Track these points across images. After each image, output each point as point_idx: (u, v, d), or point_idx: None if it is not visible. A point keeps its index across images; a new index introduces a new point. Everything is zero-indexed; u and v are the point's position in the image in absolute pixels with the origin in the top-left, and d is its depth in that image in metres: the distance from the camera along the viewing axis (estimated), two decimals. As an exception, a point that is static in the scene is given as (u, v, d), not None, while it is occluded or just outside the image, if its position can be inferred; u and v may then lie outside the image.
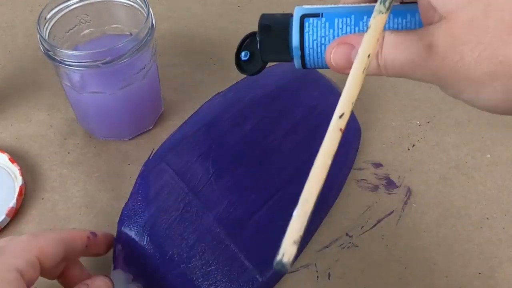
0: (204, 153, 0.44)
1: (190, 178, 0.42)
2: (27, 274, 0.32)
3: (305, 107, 0.48)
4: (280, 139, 0.45)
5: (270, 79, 0.50)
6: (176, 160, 0.43)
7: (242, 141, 0.45)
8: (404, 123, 0.53)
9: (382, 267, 0.43)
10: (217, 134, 0.45)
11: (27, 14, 0.64)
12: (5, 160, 0.48)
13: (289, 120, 0.47)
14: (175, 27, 0.63)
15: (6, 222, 0.44)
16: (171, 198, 0.41)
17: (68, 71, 0.44)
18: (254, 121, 0.46)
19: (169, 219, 0.40)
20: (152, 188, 0.42)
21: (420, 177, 0.49)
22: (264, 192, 0.42)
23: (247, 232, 0.41)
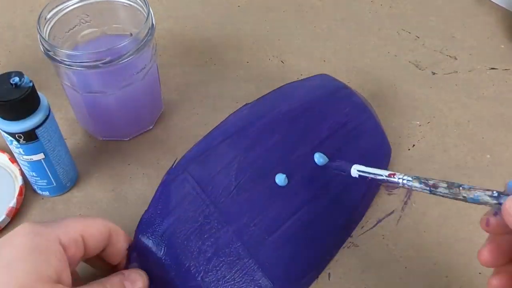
0: (227, 165, 0.42)
1: (212, 190, 0.41)
2: (70, 249, 0.33)
3: (333, 123, 0.46)
4: (306, 155, 0.44)
5: (300, 92, 0.49)
6: (199, 170, 0.42)
7: (267, 155, 0.43)
8: (404, 124, 0.53)
9: (382, 267, 0.43)
10: (242, 147, 0.43)
11: (27, 14, 0.64)
12: (5, 160, 0.48)
13: (316, 136, 0.45)
14: (175, 27, 0.63)
15: (6, 222, 0.44)
16: (191, 209, 0.40)
17: (68, 71, 0.44)
18: (281, 135, 0.44)
19: (188, 230, 0.39)
20: (173, 197, 0.41)
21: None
22: (287, 209, 0.41)
23: (266, 248, 0.39)
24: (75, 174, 0.48)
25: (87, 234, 0.34)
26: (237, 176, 0.42)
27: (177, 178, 0.42)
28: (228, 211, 0.40)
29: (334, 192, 0.43)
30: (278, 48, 0.60)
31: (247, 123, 0.45)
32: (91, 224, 0.35)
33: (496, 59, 0.59)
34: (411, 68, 0.59)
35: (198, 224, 0.40)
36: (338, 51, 0.60)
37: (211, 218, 0.40)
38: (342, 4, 0.66)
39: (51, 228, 0.33)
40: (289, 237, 0.40)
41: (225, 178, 0.41)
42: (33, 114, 0.40)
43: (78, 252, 0.34)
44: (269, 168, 0.42)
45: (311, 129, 0.45)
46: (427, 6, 0.66)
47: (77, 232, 0.34)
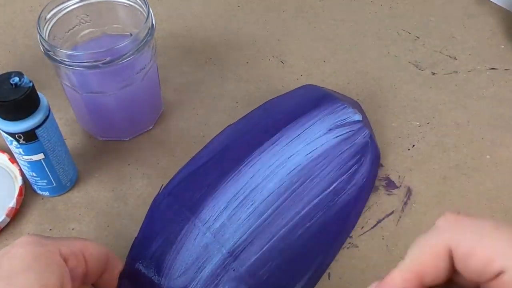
0: (212, 184, 0.42)
1: (200, 210, 0.41)
2: (71, 262, 0.32)
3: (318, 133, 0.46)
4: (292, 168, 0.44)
5: (281, 107, 0.49)
6: (184, 193, 0.42)
7: (252, 171, 0.43)
8: (404, 124, 0.53)
9: (382, 267, 0.43)
10: (227, 164, 0.43)
11: (27, 14, 0.64)
12: (5, 160, 0.48)
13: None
14: (175, 27, 0.63)
15: (6, 222, 0.44)
16: (180, 231, 0.40)
17: (68, 71, 0.44)
18: (267, 146, 0.44)
19: (177, 252, 0.39)
20: (159, 221, 0.41)
21: (420, 177, 0.49)
22: (277, 226, 0.41)
23: (260, 269, 0.39)
24: (75, 174, 0.48)
25: (87, 252, 0.34)
26: (223, 195, 0.42)
27: (162, 202, 0.42)
28: (218, 232, 0.40)
29: (325, 204, 0.43)
30: (278, 48, 0.60)
31: (231, 141, 0.46)
32: (91, 244, 0.35)
33: (496, 59, 0.59)
34: (411, 68, 0.59)
35: (188, 246, 0.39)
36: (338, 51, 0.60)
37: (201, 239, 0.40)
38: (342, 4, 0.66)
39: (52, 240, 0.33)
40: (280, 257, 0.40)
41: (211, 197, 0.41)
42: (33, 114, 0.40)
43: (79, 266, 0.33)
44: (257, 186, 0.42)
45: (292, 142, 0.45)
46: (427, 6, 0.66)
47: (77, 247, 0.33)
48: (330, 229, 0.42)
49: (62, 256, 0.32)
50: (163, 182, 0.48)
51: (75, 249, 0.33)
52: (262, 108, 0.50)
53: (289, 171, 0.43)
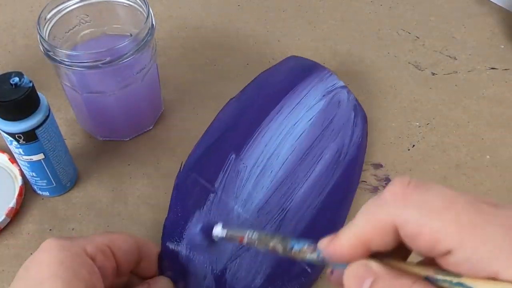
0: (231, 159, 0.44)
1: (224, 184, 0.43)
2: (98, 259, 0.32)
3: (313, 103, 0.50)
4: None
5: (275, 79, 0.52)
6: (206, 167, 0.44)
7: (264, 141, 0.46)
8: (403, 124, 0.53)
9: (382, 267, 0.43)
10: (240, 136, 0.46)
11: (27, 14, 0.64)
12: (5, 160, 0.48)
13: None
14: (175, 27, 0.63)
15: (6, 222, 0.44)
16: (208, 206, 0.41)
17: (68, 71, 0.44)
18: (273, 116, 0.48)
19: (208, 226, 0.39)
20: (188, 199, 0.42)
21: (420, 177, 0.49)
22: (297, 189, 0.44)
23: (291, 226, 0.42)
24: (75, 174, 0.48)
25: (114, 246, 0.33)
26: (244, 166, 0.44)
27: (187, 180, 0.43)
28: (245, 200, 0.42)
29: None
30: (278, 48, 0.60)
31: (238, 114, 0.49)
32: (117, 237, 0.34)
33: (496, 59, 0.59)
34: (411, 68, 0.59)
35: (215, 217, 0.41)
36: (338, 51, 0.60)
37: (230, 210, 0.42)
38: (342, 4, 0.66)
39: (76, 241, 0.32)
40: (308, 213, 0.43)
41: (232, 170, 0.44)
42: (33, 114, 0.40)
43: (108, 262, 0.33)
44: (269, 153, 0.45)
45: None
46: (427, 6, 0.66)
47: (103, 243, 0.33)
48: (341, 186, 0.45)
49: (88, 255, 0.32)
50: (163, 182, 0.48)
51: (101, 245, 0.33)
52: (256, 82, 0.52)
53: (297, 137, 0.47)
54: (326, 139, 0.47)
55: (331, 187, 0.45)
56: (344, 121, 0.49)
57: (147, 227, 0.44)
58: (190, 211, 0.41)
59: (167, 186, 0.47)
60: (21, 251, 0.43)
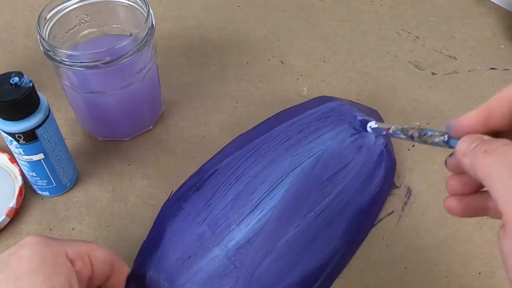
0: (219, 193, 0.41)
1: (210, 218, 0.40)
2: (77, 264, 0.32)
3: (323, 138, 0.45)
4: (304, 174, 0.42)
5: (294, 116, 0.47)
6: (195, 199, 0.42)
7: (257, 180, 0.42)
8: (403, 124, 0.53)
9: (382, 267, 0.43)
10: (236, 171, 0.43)
11: (27, 14, 0.64)
12: (5, 160, 0.48)
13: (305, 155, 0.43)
14: (175, 27, 0.63)
15: (6, 222, 0.44)
16: (190, 236, 0.40)
17: (68, 71, 0.44)
18: (269, 158, 0.43)
19: (187, 257, 0.39)
20: (168, 227, 0.41)
21: (420, 177, 0.49)
22: (281, 232, 0.40)
23: (264, 267, 0.38)
24: (75, 174, 0.48)
25: (93, 255, 0.34)
26: (233, 201, 0.41)
27: (172, 208, 0.42)
28: (225, 236, 0.39)
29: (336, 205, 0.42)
30: (278, 48, 0.60)
31: (239, 149, 0.44)
32: (96, 248, 0.35)
33: (496, 59, 0.59)
34: (411, 68, 0.59)
35: (193, 249, 0.39)
36: (338, 51, 0.60)
37: (208, 242, 0.39)
38: (342, 4, 0.66)
39: (58, 242, 0.33)
40: (285, 257, 0.39)
41: (217, 205, 0.41)
42: (33, 114, 0.40)
43: (86, 269, 0.33)
44: (260, 191, 0.41)
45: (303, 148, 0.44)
46: (427, 6, 0.66)
47: (84, 250, 0.33)
48: (340, 235, 0.41)
49: (68, 258, 0.32)
50: (163, 182, 0.48)
51: (81, 251, 0.33)
52: (276, 117, 0.49)
53: (300, 177, 0.42)
54: (333, 184, 0.42)
55: (327, 235, 0.40)
56: (359, 168, 0.43)
57: (147, 227, 0.43)
58: (167, 240, 0.40)
59: (167, 186, 0.47)
60: (21, 251, 0.43)
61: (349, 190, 0.42)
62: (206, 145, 0.51)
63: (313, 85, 0.56)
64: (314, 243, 0.40)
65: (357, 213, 0.42)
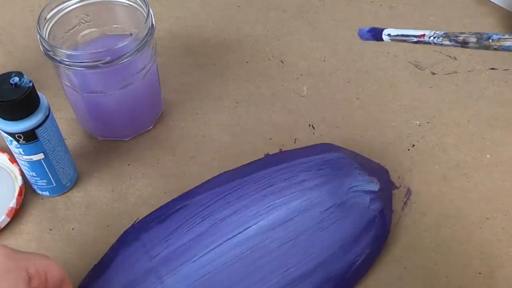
0: (182, 228, 0.40)
1: (161, 252, 0.39)
2: (34, 281, 0.33)
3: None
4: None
5: (287, 161, 0.44)
6: (155, 231, 0.41)
7: (227, 229, 0.40)
8: (404, 123, 0.53)
9: (382, 267, 0.43)
10: (204, 211, 0.41)
11: (27, 14, 0.64)
12: (5, 160, 0.48)
13: None
14: (175, 27, 0.63)
15: (6, 222, 0.44)
16: (138, 269, 0.39)
17: (68, 71, 0.44)
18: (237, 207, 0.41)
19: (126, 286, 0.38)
20: (121, 257, 0.40)
21: (420, 177, 0.49)
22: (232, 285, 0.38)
23: None
24: (75, 174, 0.48)
25: (49, 273, 0.35)
26: (187, 241, 0.40)
27: (128, 237, 0.41)
28: (171, 275, 0.38)
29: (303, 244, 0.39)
30: (278, 48, 0.60)
31: (209, 189, 0.43)
32: (53, 265, 0.35)
33: (496, 59, 0.59)
34: (411, 68, 0.59)
35: (138, 282, 0.38)
36: (338, 51, 0.60)
37: (153, 277, 0.38)
38: (342, 4, 0.66)
39: (21, 256, 0.34)
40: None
41: (175, 242, 0.40)
42: (33, 114, 0.40)
43: (40, 287, 0.34)
44: (222, 236, 0.39)
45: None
46: (427, 6, 0.66)
47: (42, 268, 0.34)
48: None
49: (28, 274, 0.33)
50: (163, 182, 0.48)
51: (40, 269, 0.34)
52: (268, 158, 0.47)
53: (267, 230, 0.39)
54: (304, 244, 0.39)
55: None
56: (340, 232, 0.39)
57: (147, 227, 0.44)
58: (114, 268, 0.39)
59: (167, 186, 0.47)
60: (21, 251, 0.43)
61: (321, 255, 0.39)
62: (206, 145, 0.51)
63: (313, 84, 0.56)
64: None
65: (325, 280, 0.39)
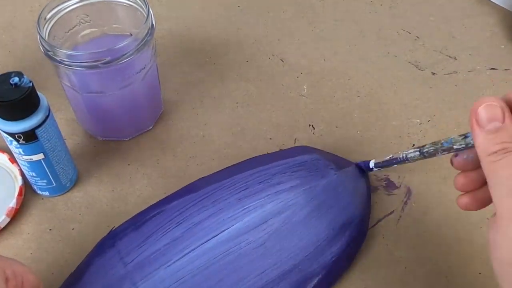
0: (157, 234, 0.40)
1: (136, 258, 0.39)
2: (11, 283, 0.33)
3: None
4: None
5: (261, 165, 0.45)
6: (129, 238, 0.41)
7: (198, 227, 0.40)
8: (404, 122, 0.53)
9: (382, 267, 0.43)
10: (180, 216, 0.41)
11: (27, 14, 0.64)
12: (5, 160, 0.48)
13: None
14: (175, 27, 0.63)
15: (6, 222, 0.44)
16: (112, 276, 0.39)
17: (68, 71, 0.44)
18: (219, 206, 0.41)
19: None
20: (95, 266, 0.40)
21: (420, 177, 0.49)
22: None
23: None
24: (75, 174, 0.48)
25: (26, 277, 0.35)
26: (162, 246, 0.40)
27: (104, 244, 0.41)
28: (145, 281, 0.38)
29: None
30: (278, 48, 0.60)
31: (185, 195, 0.43)
32: (29, 272, 0.35)
33: (496, 59, 0.59)
34: (411, 68, 0.59)
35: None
36: (338, 51, 0.60)
37: (127, 283, 0.38)
38: (342, 4, 0.66)
39: (0, 259, 0.34)
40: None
41: (149, 247, 0.40)
42: (33, 114, 0.40)
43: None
44: (197, 240, 0.40)
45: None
46: (427, 6, 0.66)
47: (19, 272, 0.34)
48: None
49: (5, 275, 0.33)
50: (163, 182, 0.48)
51: (17, 272, 0.34)
52: (244, 163, 0.46)
53: (240, 233, 0.40)
54: (279, 247, 0.39)
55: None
56: (314, 232, 0.40)
57: (147, 227, 0.44)
58: (88, 275, 0.39)
59: (167, 186, 0.47)
60: (21, 251, 0.43)
61: (297, 255, 0.39)
62: (206, 145, 0.51)
63: (313, 83, 0.56)
64: None
65: (302, 280, 0.39)
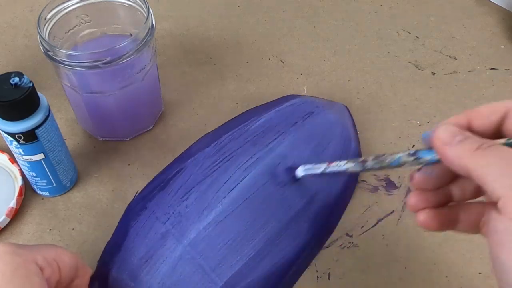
0: (182, 194, 0.41)
1: (169, 217, 0.40)
2: (46, 271, 0.33)
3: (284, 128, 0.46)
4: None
5: (259, 115, 0.48)
6: (159, 198, 0.42)
7: (221, 181, 0.42)
8: (404, 123, 0.53)
9: (382, 267, 0.43)
10: (197, 174, 0.42)
11: (27, 14, 0.64)
12: (5, 160, 0.48)
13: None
14: (175, 27, 0.63)
15: (6, 222, 0.44)
16: (153, 235, 0.40)
17: (68, 71, 0.44)
18: (237, 160, 0.43)
19: (150, 256, 0.39)
20: (132, 228, 0.41)
21: (420, 177, 0.49)
22: (245, 229, 0.40)
23: (228, 264, 0.39)
24: (75, 174, 0.48)
25: (60, 260, 0.34)
26: (193, 201, 0.41)
27: (136, 208, 0.42)
28: (186, 234, 0.39)
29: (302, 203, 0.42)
30: (278, 48, 0.60)
31: (204, 148, 0.44)
32: (63, 252, 0.35)
33: (496, 59, 0.59)
34: (411, 68, 0.59)
35: (156, 248, 0.39)
36: (338, 51, 0.60)
37: (170, 240, 0.39)
38: (342, 4, 0.66)
39: (28, 250, 0.33)
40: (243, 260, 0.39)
41: (181, 203, 0.41)
42: (33, 114, 0.40)
43: (54, 275, 0.34)
44: (225, 190, 0.41)
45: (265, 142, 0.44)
46: (427, 6, 0.66)
47: (51, 256, 0.34)
48: (305, 231, 0.41)
49: (38, 265, 0.32)
50: (163, 182, 0.48)
51: (50, 258, 0.34)
52: (245, 114, 0.49)
53: (263, 175, 0.42)
54: (298, 182, 0.42)
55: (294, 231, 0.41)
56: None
57: (147, 227, 0.44)
58: (130, 240, 0.40)
59: (167, 186, 0.47)
60: (21, 251, 0.43)
61: (314, 187, 0.43)
62: (206, 145, 0.51)
63: (313, 84, 0.56)
64: (278, 239, 0.40)
65: (322, 208, 0.42)
